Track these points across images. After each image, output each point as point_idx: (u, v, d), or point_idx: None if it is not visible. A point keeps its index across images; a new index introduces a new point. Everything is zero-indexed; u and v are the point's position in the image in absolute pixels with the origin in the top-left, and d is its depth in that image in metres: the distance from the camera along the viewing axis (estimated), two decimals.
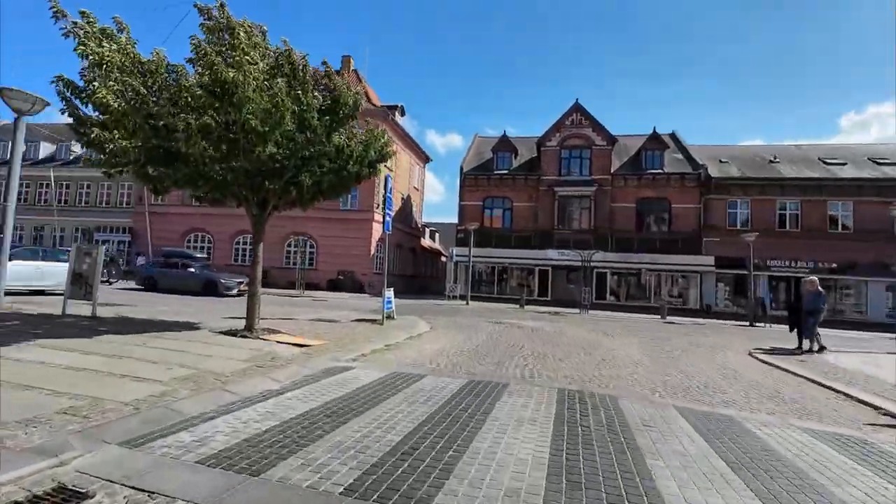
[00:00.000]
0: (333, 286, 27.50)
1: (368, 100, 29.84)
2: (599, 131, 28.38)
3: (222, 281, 17.85)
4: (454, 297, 25.50)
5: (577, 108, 28.83)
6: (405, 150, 33.69)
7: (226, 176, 6.80)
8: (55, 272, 12.85)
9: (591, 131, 28.48)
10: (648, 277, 27.23)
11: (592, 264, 26.54)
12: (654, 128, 28.26)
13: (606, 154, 28.23)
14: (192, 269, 18.58)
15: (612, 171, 27.99)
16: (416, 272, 37.58)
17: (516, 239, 28.78)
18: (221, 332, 7.36)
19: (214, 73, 5.91)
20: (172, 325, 8.03)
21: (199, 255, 21.39)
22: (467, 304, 22.01)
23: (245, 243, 29.65)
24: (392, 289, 11.75)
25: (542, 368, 6.66)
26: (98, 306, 8.52)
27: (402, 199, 33.59)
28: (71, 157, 33.37)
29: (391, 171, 30.92)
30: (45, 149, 34.03)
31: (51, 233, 31.65)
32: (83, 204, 32.39)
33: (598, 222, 27.74)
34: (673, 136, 30.66)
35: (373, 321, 11.17)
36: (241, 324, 7.66)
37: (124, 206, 31.85)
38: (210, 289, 17.40)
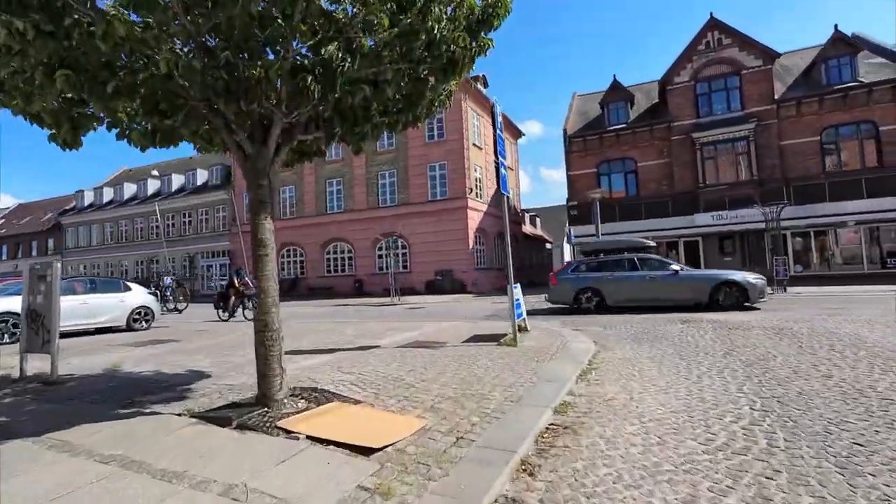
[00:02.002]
0: (431, 288, 24.07)
1: None
2: (751, 47, 21.21)
3: (751, 281, 10.39)
4: None
5: (714, 24, 21.92)
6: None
7: (192, 74, 3.06)
8: (107, 306, 10.69)
9: (737, 51, 21.42)
10: (852, 235, 19.52)
11: (763, 225, 19.67)
12: (836, 26, 20.33)
13: (765, 76, 20.98)
14: (674, 270, 10.99)
15: (776, 97, 20.69)
16: (520, 263, 32.92)
17: (647, 207, 22.78)
18: (214, 413, 3.67)
19: None
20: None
21: (649, 244, 13.52)
22: None
23: (336, 252, 27.58)
24: (519, 285, 7.45)
25: None
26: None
27: None
28: (173, 190, 34.49)
29: (479, 148, 26.76)
30: (152, 185, 35.70)
31: (164, 263, 32.81)
32: (189, 233, 33.13)
33: (762, 169, 20.68)
34: (856, 38, 22.14)
35: (496, 340, 6.99)
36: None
37: (222, 230, 31.85)
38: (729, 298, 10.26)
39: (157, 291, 14.32)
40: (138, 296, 11.37)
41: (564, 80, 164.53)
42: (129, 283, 11.56)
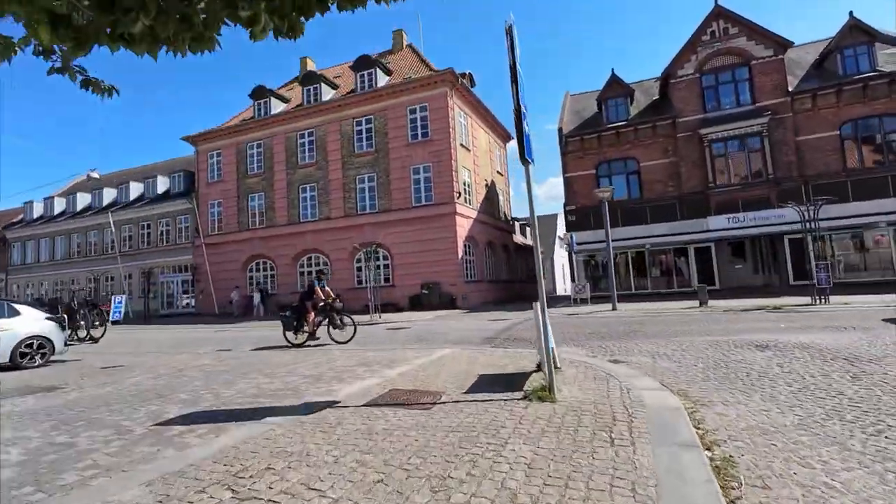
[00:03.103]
0: (417, 304, 21.54)
1: (429, 68, 23.88)
2: (760, 36, 19.60)
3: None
4: (583, 301, 18.19)
5: (720, 12, 20.30)
6: (482, 126, 27.20)
7: None
8: None
9: (745, 41, 19.79)
10: (881, 237, 17.78)
11: (779, 228, 17.83)
12: (851, 13, 18.86)
13: (776, 67, 19.35)
14: None
15: (790, 89, 19.04)
16: (512, 276, 30.70)
17: (653, 210, 20.80)
18: None
19: None
20: None
21: None
22: (614, 308, 14.63)
23: (311, 264, 24.88)
24: (539, 303, 5.02)
25: None
26: None
27: (486, 185, 27.02)
28: (131, 199, 31.39)
29: (467, 149, 24.58)
30: (108, 195, 32.51)
31: (120, 278, 29.53)
32: (147, 246, 29.99)
33: (778, 167, 18.91)
34: (865, 28, 20.76)
35: (518, 386, 4.55)
36: None
37: (184, 242, 28.82)
38: None
39: (68, 315, 11.42)
40: (30, 322, 8.61)
41: (546, 94, 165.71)
42: (17, 306, 8.79)
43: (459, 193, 22.35)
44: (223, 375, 6.33)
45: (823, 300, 12.78)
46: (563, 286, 55.44)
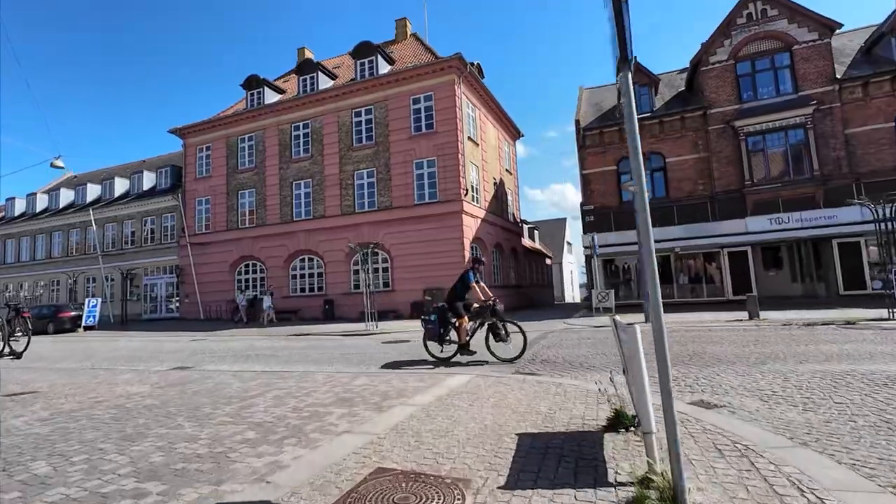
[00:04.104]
0: (419, 311, 19.50)
1: (435, 57, 22.02)
2: (804, 18, 17.67)
3: None
4: (606, 310, 16.14)
5: None
6: (491, 120, 25.30)
7: None
8: None
9: (786, 23, 17.87)
10: None
11: (829, 230, 15.82)
12: None
13: (822, 52, 17.41)
14: None
15: (837, 76, 17.08)
16: (520, 281, 28.64)
17: (681, 211, 18.79)
18: None
19: None
20: None
21: None
22: (648, 320, 12.58)
23: (304, 267, 22.95)
24: (637, 328, 3.03)
25: None
26: None
27: (495, 183, 25.08)
28: (116, 196, 29.55)
29: (476, 143, 22.68)
30: (93, 192, 30.68)
31: (101, 280, 27.61)
32: (129, 245, 28.09)
33: (824, 162, 16.92)
34: None
35: (590, 457, 2.55)
36: None
37: (169, 241, 26.93)
38: None
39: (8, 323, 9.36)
40: None
41: (546, 100, 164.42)
42: None
43: (467, 191, 20.40)
44: (137, 419, 4.33)
45: None
46: (572, 294, 53.32)
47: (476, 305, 7.49)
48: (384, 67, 22.60)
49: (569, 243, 54.80)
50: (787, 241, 17.47)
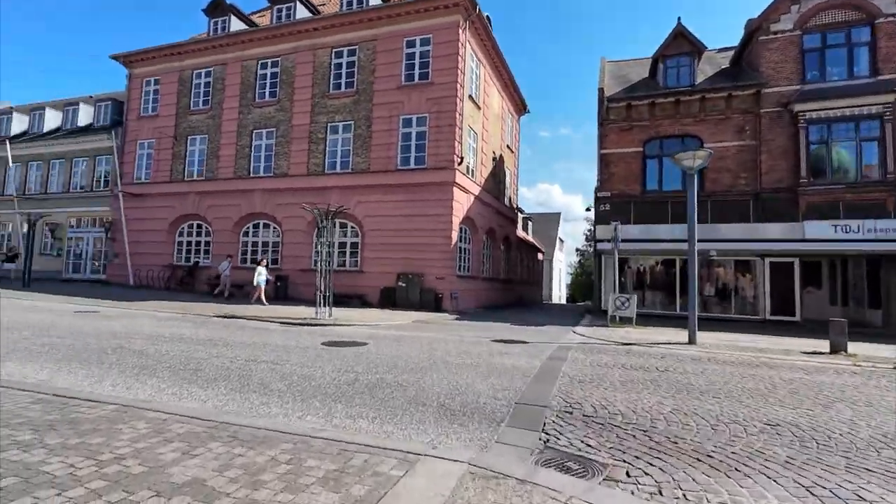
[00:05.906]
0: (389, 299, 15.96)
1: None
2: None
3: None
4: (622, 320, 12.79)
5: None
6: (496, 84, 21.60)
7: None
8: None
9: None
10: None
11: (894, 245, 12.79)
12: None
13: None
14: None
15: None
16: (510, 275, 25.28)
17: (715, 208, 15.57)
18: None
19: None
20: None
21: None
22: (691, 342, 9.24)
23: (257, 234, 19.09)
24: None
25: None
26: None
27: (494, 159, 21.50)
28: (45, 131, 24.93)
29: (478, 106, 19.01)
30: (20, 124, 25.93)
31: (17, 228, 23.18)
32: (56, 190, 23.65)
33: None
34: None
35: None
36: None
37: (102, 189, 22.64)
38: None
39: None
40: None
41: (540, 100, 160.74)
42: None
43: (462, 159, 16.76)
44: None
45: None
46: (559, 294, 50.43)
47: None
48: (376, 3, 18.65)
49: (560, 240, 51.78)
50: (847, 254, 14.42)
